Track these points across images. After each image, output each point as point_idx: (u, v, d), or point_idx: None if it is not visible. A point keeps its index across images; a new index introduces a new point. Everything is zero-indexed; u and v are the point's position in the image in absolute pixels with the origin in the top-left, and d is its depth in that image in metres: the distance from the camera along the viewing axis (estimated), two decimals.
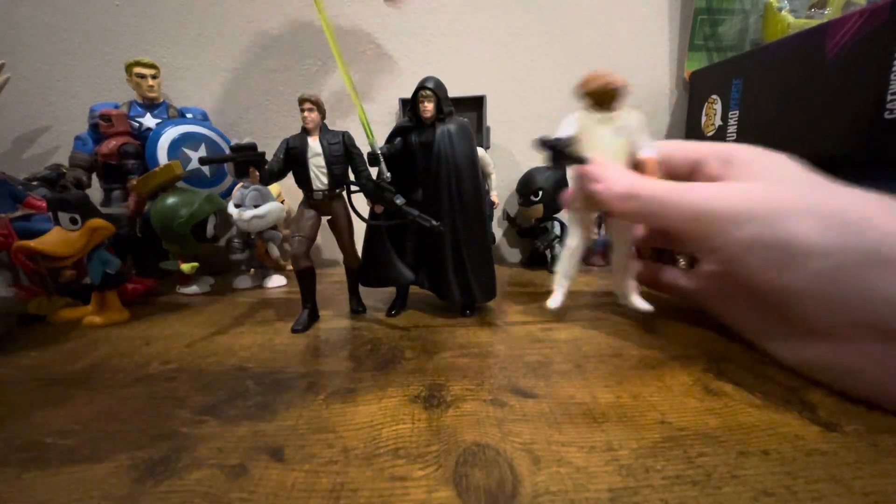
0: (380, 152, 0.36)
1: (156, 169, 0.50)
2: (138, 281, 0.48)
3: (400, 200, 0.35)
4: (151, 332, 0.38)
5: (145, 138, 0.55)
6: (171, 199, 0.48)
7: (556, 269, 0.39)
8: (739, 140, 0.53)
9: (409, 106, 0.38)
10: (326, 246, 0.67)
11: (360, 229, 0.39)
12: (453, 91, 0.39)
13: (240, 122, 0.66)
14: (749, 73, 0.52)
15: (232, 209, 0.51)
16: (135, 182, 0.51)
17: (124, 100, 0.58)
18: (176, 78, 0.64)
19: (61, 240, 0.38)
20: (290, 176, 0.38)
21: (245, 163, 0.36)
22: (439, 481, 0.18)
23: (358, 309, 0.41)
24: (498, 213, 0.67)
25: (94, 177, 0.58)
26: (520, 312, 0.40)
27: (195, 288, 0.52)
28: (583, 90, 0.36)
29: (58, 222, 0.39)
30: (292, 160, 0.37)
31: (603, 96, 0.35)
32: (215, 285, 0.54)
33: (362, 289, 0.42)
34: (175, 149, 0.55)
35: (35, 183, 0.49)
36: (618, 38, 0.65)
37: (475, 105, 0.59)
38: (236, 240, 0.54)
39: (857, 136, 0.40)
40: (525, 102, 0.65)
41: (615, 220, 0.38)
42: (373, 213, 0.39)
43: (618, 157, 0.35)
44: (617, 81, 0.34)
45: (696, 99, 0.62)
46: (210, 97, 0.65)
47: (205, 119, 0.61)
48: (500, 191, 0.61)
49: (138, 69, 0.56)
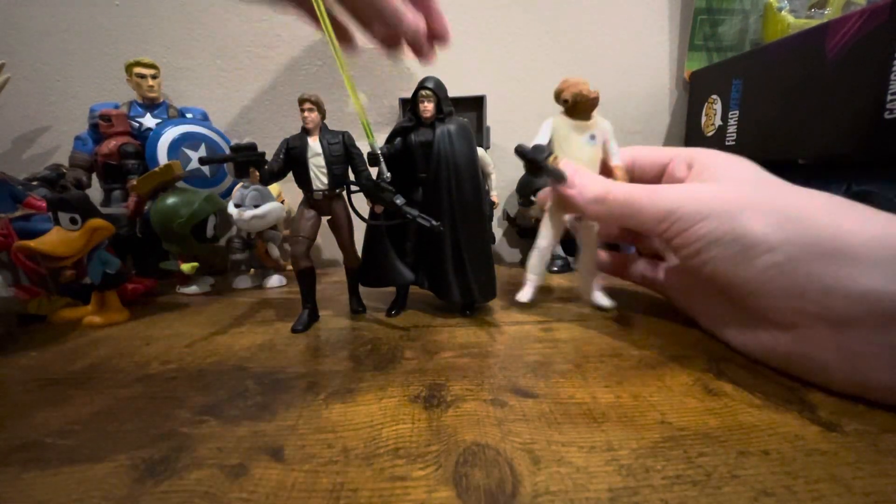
0: (380, 152, 0.36)
1: (156, 169, 0.50)
2: (138, 281, 0.48)
3: (400, 200, 0.35)
4: (151, 332, 0.38)
5: (145, 138, 0.55)
6: (171, 199, 0.48)
7: (527, 266, 0.41)
8: (740, 140, 0.53)
9: (409, 106, 0.38)
10: (326, 246, 0.67)
11: (360, 229, 0.39)
12: (453, 91, 0.39)
13: (240, 122, 0.66)
14: (749, 73, 0.52)
15: (232, 209, 0.51)
16: (135, 182, 0.51)
17: (124, 100, 0.58)
18: (176, 78, 0.64)
19: (61, 240, 0.38)
20: (291, 176, 0.38)
21: (245, 163, 0.36)
22: (439, 481, 0.18)
23: (358, 309, 0.41)
24: (498, 213, 0.67)
25: (94, 177, 0.58)
26: (520, 312, 0.40)
27: (195, 288, 0.52)
28: (559, 98, 0.38)
29: (58, 222, 0.39)
30: (292, 160, 0.37)
31: (577, 105, 0.37)
32: (215, 285, 0.54)
33: (362, 289, 0.42)
34: (175, 149, 0.55)
35: (35, 183, 0.49)
36: (618, 38, 0.65)
37: (475, 105, 0.59)
38: (236, 240, 0.54)
39: (857, 136, 0.40)
40: (525, 102, 0.65)
41: (583, 223, 0.39)
42: (373, 213, 0.39)
43: (591, 164, 0.37)
44: (591, 93, 0.36)
45: (696, 99, 0.62)
46: (210, 97, 0.65)
47: (205, 119, 0.61)
48: (500, 191, 0.61)
49: (138, 69, 0.56)
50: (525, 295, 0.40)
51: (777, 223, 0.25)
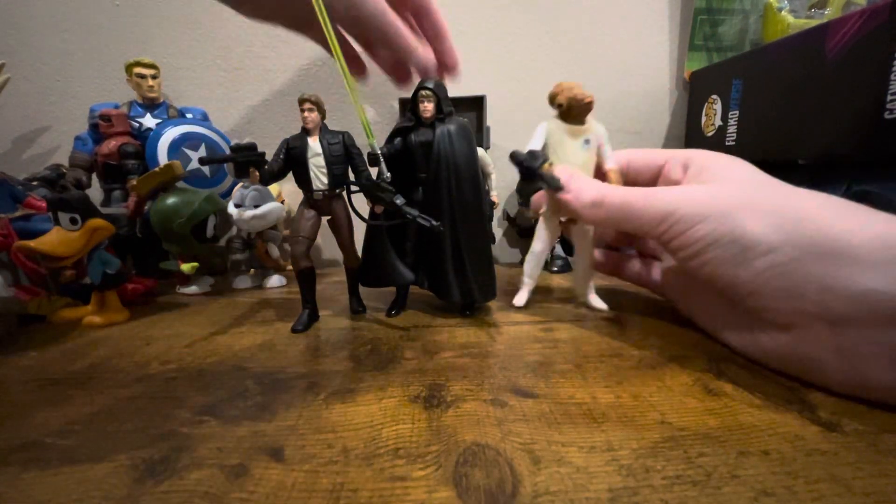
0: (380, 152, 0.36)
1: (156, 169, 0.50)
2: (138, 281, 0.48)
3: (400, 200, 0.35)
4: (151, 332, 0.38)
5: (145, 138, 0.55)
6: (171, 200, 0.48)
7: (525, 270, 0.41)
8: (740, 140, 0.53)
9: (409, 106, 0.38)
10: (326, 246, 0.67)
11: (360, 229, 0.39)
12: (453, 91, 0.39)
13: (240, 122, 0.66)
14: (749, 73, 0.52)
15: (232, 209, 0.51)
16: (135, 182, 0.51)
17: (124, 100, 0.58)
18: (176, 78, 0.64)
19: (61, 240, 0.38)
20: (291, 176, 0.38)
21: (245, 163, 0.36)
22: (439, 481, 0.18)
23: (358, 309, 0.41)
24: (498, 213, 0.67)
25: (94, 177, 0.58)
26: (520, 312, 0.40)
27: (195, 288, 0.52)
28: (553, 101, 0.38)
29: (58, 222, 0.39)
30: (292, 160, 0.37)
31: (571, 109, 0.37)
32: (215, 285, 0.54)
33: (362, 289, 0.42)
34: (175, 149, 0.55)
35: (35, 183, 0.49)
36: (618, 38, 0.65)
37: (475, 105, 0.59)
38: (236, 240, 0.54)
39: (857, 136, 0.40)
40: (525, 102, 0.65)
41: (578, 227, 0.39)
42: (373, 213, 0.39)
43: (585, 168, 0.37)
44: (585, 97, 0.36)
45: (696, 99, 0.62)
46: (210, 97, 0.65)
47: (205, 119, 0.61)
48: (500, 191, 0.61)
49: (138, 69, 0.56)
50: (520, 299, 0.41)
51: (776, 224, 0.25)
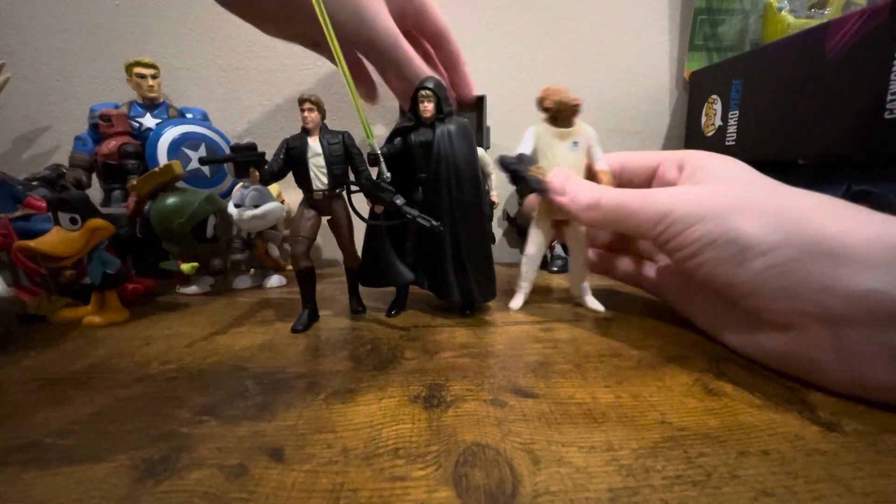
0: (380, 152, 0.36)
1: (156, 169, 0.50)
2: (138, 281, 0.48)
3: (400, 200, 0.35)
4: (151, 332, 0.38)
5: (145, 138, 0.55)
6: (171, 200, 0.48)
7: (521, 273, 0.41)
8: (740, 140, 0.53)
9: (409, 106, 0.38)
10: (326, 246, 0.67)
11: (360, 229, 0.39)
12: None
13: (240, 122, 0.66)
14: (749, 73, 0.52)
15: (232, 209, 0.51)
16: (135, 182, 0.51)
17: (124, 100, 0.58)
18: (176, 78, 0.64)
19: (61, 240, 0.38)
20: (291, 176, 0.38)
21: (245, 163, 0.36)
22: (439, 481, 0.18)
23: (358, 309, 0.41)
24: (498, 213, 0.67)
25: (94, 177, 0.58)
26: (520, 312, 0.40)
27: (195, 288, 0.52)
28: (541, 105, 0.38)
29: (58, 222, 0.39)
30: (292, 160, 0.37)
31: (560, 112, 0.37)
32: (215, 285, 0.54)
33: (362, 289, 0.42)
34: (175, 149, 0.55)
35: (35, 183, 0.49)
36: (618, 38, 0.65)
37: (475, 105, 0.59)
38: (236, 240, 0.54)
39: (857, 136, 0.40)
40: (525, 102, 0.65)
41: (571, 228, 0.40)
42: (373, 213, 0.39)
43: (575, 170, 0.38)
44: (571, 100, 0.37)
45: (696, 99, 0.62)
46: (210, 97, 0.65)
47: (205, 119, 0.61)
48: (500, 191, 0.61)
49: (138, 69, 0.56)
50: (517, 303, 0.41)
51: (773, 224, 0.25)
